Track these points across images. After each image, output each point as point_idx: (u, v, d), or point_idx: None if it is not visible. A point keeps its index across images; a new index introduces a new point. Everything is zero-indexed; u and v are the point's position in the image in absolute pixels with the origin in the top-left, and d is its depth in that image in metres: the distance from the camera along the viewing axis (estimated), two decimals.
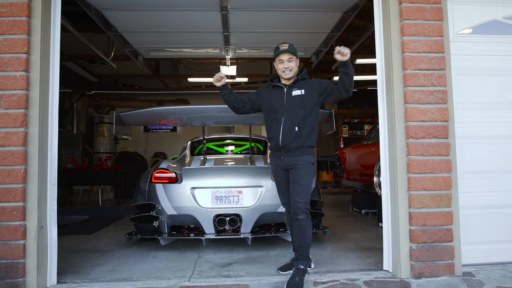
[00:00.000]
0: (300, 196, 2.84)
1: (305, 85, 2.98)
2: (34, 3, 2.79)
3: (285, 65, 2.97)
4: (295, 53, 3.00)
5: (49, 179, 2.84)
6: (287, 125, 2.91)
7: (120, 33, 5.13)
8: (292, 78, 3.02)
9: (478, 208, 3.06)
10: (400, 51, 2.96)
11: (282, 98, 2.98)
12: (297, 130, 2.88)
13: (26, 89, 2.71)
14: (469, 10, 3.15)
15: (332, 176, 11.52)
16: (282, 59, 2.98)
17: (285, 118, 2.93)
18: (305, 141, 2.89)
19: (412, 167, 2.86)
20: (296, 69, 3.02)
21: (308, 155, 2.91)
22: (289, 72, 2.97)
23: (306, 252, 2.82)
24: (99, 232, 5.05)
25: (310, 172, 2.91)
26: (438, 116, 2.90)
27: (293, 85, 3.00)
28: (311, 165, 2.92)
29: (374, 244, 4.01)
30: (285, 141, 2.91)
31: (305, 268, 2.78)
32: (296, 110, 2.92)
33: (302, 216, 2.82)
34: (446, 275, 2.82)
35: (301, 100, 2.93)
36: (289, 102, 2.95)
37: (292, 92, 2.97)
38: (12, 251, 2.63)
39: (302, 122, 2.91)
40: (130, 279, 2.98)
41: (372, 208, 6.11)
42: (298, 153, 2.90)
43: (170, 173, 3.95)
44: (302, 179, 2.87)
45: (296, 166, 2.90)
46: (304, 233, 2.82)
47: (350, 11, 4.43)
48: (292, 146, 2.89)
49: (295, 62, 3.00)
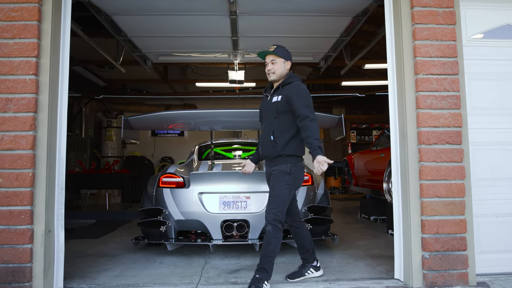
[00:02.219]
0: (269, 207, 2.76)
1: (284, 91, 2.85)
2: (44, 8, 2.80)
3: (268, 67, 2.91)
4: (279, 55, 2.89)
5: (57, 183, 2.83)
6: (264, 134, 2.89)
7: (129, 38, 5.15)
8: (277, 81, 2.93)
9: (492, 216, 2.98)
10: (412, 56, 2.92)
11: (265, 105, 2.95)
12: (272, 139, 2.80)
13: (36, 93, 2.71)
14: (482, 14, 3.10)
15: (340, 182, 11.42)
16: (266, 62, 2.94)
17: (264, 126, 2.90)
18: (282, 150, 2.78)
19: (424, 173, 2.80)
20: (281, 71, 2.90)
21: (285, 164, 2.78)
22: (272, 75, 2.89)
23: (263, 264, 2.71)
24: (106, 237, 5.04)
25: (282, 182, 2.77)
26: (451, 122, 2.84)
27: (275, 92, 2.91)
28: (285, 175, 2.78)
29: (384, 251, 3.94)
30: (264, 151, 2.89)
31: (261, 277, 2.68)
32: (272, 118, 2.85)
33: (269, 227, 2.73)
34: (460, 284, 2.75)
35: (275, 107, 2.83)
36: (268, 110, 2.90)
37: (272, 99, 2.89)
38: (19, 255, 2.62)
39: (278, 130, 2.81)
40: (137, 284, 2.95)
41: (381, 214, 6.03)
42: (276, 162, 2.83)
43: (177, 178, 3.92)
44: (273, 189, 2.79)
45: (270, 175, 2.86)
46: (266, 244, 2.72)
47: (360, 15, 4.39)
48: (270, 155, 2.85)
49: (279, 65, 2.89)
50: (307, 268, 3.04)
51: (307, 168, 4.39)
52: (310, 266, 3.05)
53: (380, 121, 11.53)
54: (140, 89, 11.12)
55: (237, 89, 9.30)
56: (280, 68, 2.90)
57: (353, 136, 11.49)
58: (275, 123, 2.83)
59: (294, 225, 3.04)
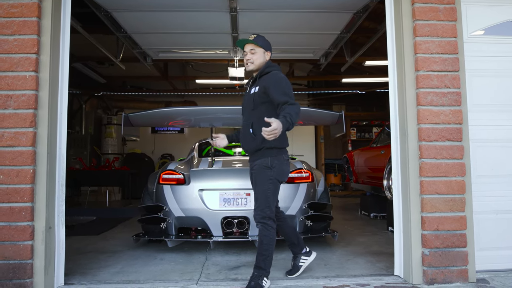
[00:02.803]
0: (255, 205, 2.71)
1: (262, 81, 2.72)
2: (44, 4, 2.79)
3: (246, 57, 2.79)
4: (259, 44, 2.77)
5: (57, 180, 2.83)
6: (244, 127, 2.79)
7: (129, 34, 5.14)
8: (255, 71, 2.82)
9: (492, 212, 2.99)
10: (412, 52, 2.91)
11: (245, 98, 2.87)
12: (251, 132, 2.70)
13: (36, 90, 2.71)
14: (483, 10, 3.09)
15: (340, 179, 11.43)
16: (245, 51, 2.80)
17: (243, 119, 2.82)
18: (262, 143, 2.65)
19: (424, 170, 2.80)
20: (260, 61, 2.78)
21: (265, 157, 2.67)
22: (250, 65, 2.77)
23: (259, 262, 2.69)
24: (106, 233, 5.05)
25: (265, 177, 2.67)
26: (451, 119, 2.84)
27: (253, 83, 2.82)
28: (266, 169, 2.67)
29: (384, 248, 3.95)
30: (244, 146, 2.79)
31: (258, 274, 2.66)
32: (250, 110, 2.75)
33: (259, 226, 2.70)
34: (460, 281, 2.76)
35: (252, 98, 2.74)
36: (246, 102, 2.82)
37: (251, 90, 2.80)
38: (20, 252, 2.62)
39: (257, 122, 2.68)
40: (137, 281, 2.96)
41: (381, 211, 6.03)
42: (256, 157, 2.73)
43: (178, 175, 3.93)
44: (257, 186, 2.72)
45: (252, 171, 2.78)
46: (260, 243, 2.71)
47: (360, 12, 4.37)
48: (251, 149, 2.75)
49: (259, 54, 2.77)
50: (299, 258, 3.04)
51: (307, 165, 4.39)
52: (301, 255, 3.05)
53: (380, 118, 11.52)
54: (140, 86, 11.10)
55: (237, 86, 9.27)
56: (260, 58, 2.77)
57: (353, 133, 11.49)
58: (254, 115, 2.72)
59: (280, 218, 3.00)
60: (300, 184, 3.96)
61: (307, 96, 11.77)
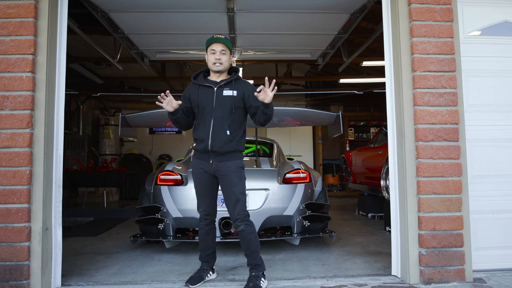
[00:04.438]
0: (238, 206, 2.72)
1: (237, 86, 2.77)
2: (41, 4, 2.78)
3: (216, 56, 2.74)
4: (229, 46, 2.79)
5: (54, 181, 2.83)
6: (217, 128, 2.71)
7: (127, 35, 5.13)
8: (221, 73, 2.80)
9: (488, 212, 3.00)
10: (409, 53, 2.92)
11: (212, 97, 2.75)
12: (228, 134, 2.70)
13: (32, 90, 2.70)
14: (479, 11, 3.10)
15: (338, 179, 11.44)
16: (215, 50, 2.75)
17: (214, 120, 2.72)
18: (237, 146, 2.74)
19: (421, 170, 2.81)
20: (227, 64, 2.79)
21: (239, 159, 2.77)
22: (219, 65, 2.75)
23: (254, 260, 2.74)
24: (104, 234, 5.03)
25: (242, 178, 2.78)
26: (448, 119, 2.85)
27: (225, 85, 2.78)
28: (242, 170, 2.78)
29: (382, 248, 3.95)
30: (215, 145, 2.70)
31: (257, 274, 2.70)
32: (227, 112, 2.72)
33: (242, 226, 2.71)
34: (457, 281, 2.77)
35: (232, 101, 2.73)
36: (219, 103, 2.73)
37: (223, 91, 2.75)
38: (16, 253, 2.62)
39: (234, 125, 2.74)
40: (134, 282, 2.95)
41: (379, 211, 6.05)
42: (228, 158, 2.73)
43: (175, 176, 3.92)
44: (237, 187, 2.73)
45: (227, 172, 2.74)
46: (248, 242, 2.73)
47: (357, 12, 4.38)
48: (223, 150, 2.71)
49: (227, 57, 2.78)
50: (207, 271, 2.96)
51: (304, 165, 4.40)
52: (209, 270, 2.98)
53: (378, 118, 11.55)
54: (137, 86, 11.08)
55: None
56: (228, 61, 2.79)
57: (351, 133, 11.51)
58: (230, 118, 2.73)
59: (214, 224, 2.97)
60: (297, 184, 3.96)
61: (304, 96, 11.79)
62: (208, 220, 2.89)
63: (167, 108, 2.73)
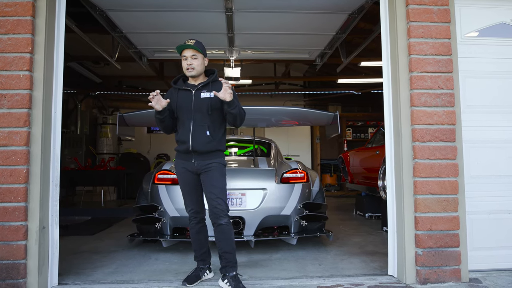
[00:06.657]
0: (219, 199, 2.76)
1: (214, 88, 2.81)
2: (38, 3, 2.78)
3: (188, 62, 2.81)
4: (200, 50, 2.82)
5: (51, 180, 2.82)
6: (197, 129, 2.78)
7: (125, 34, 5.12)
8: (196, 77, 2.85)
9: (485, 213, 3.01)
10: (406, 53, 2.93)
11: (190, 100, 2.81)
12: (208, 135, 2.78)
13: (30, 89, 2.70)
14: (477, 12, 3.11)
15: (335, 179, 11.46)
16: (186, 56, 2.82)
17: (194, 122, 2.78)
18: (218, 145, 2.82)
19: (418, 170, 2.82)
20: (200, 68, 2.84)
21: (220, 157, 2.84)
22: (192, 70, 2.81)
23: (233, 258, 2.76)
24: (101, 233, 5.03)
25: (223, 174, 2.84)
26: (445, 119, 2.86)
27: (202, 87, 2.83)
28: (223, 167, 2.85)
29: (379, 248, 3.97)
30: (196, 146, 2.76)
31: (236, 273, 2.74)
32: (205, 114, 2.79)
33: (225, 220, 2.74)
34: (453, 281, 2.78)
35: (209, 103, 2.78)
36: (197, 105, 2.79)
37: (200, 94, 2.81)
38: (13, 252, 2.61)
39: (213, 125, 2.81)
40: (131, 281, 2.95)
41: (376, 211, 6.06)
42: (210, 156, 2.80)
43: (173, 175, 3.92)
44: (218, 181, 2.79)
45: (209, 168, 2.79)
46: (229, 238, 2.76)
47: (355, 13, 4.39)
48: (205, 150, 2.78)
49: (200, 60, 2.82)
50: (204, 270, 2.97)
51: (302, 165, 4.41)
52: (206, 269, 2.99)
53: (376, 118, 11.56)
54: (136, 85, 11.06)
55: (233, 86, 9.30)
56: (201, 64, 2.84)
57: (349, 133, 11.52)
58: (209, 119, 2.80)
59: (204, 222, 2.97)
60: (295, 184, 3.97)
61: (303, 96, 11.79)
62: (198, 219, 2.92)
63: (156, 106, 2.77)
